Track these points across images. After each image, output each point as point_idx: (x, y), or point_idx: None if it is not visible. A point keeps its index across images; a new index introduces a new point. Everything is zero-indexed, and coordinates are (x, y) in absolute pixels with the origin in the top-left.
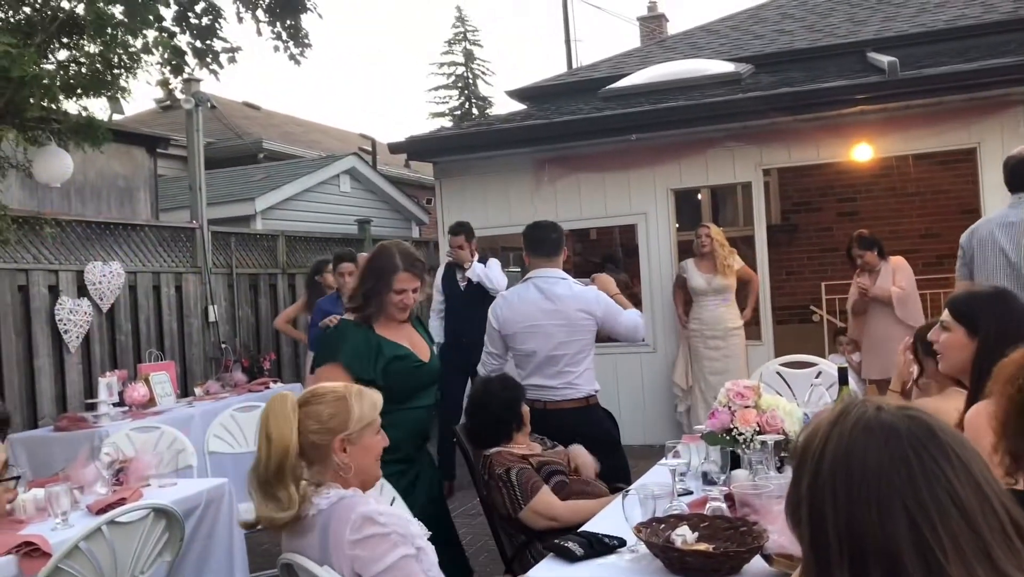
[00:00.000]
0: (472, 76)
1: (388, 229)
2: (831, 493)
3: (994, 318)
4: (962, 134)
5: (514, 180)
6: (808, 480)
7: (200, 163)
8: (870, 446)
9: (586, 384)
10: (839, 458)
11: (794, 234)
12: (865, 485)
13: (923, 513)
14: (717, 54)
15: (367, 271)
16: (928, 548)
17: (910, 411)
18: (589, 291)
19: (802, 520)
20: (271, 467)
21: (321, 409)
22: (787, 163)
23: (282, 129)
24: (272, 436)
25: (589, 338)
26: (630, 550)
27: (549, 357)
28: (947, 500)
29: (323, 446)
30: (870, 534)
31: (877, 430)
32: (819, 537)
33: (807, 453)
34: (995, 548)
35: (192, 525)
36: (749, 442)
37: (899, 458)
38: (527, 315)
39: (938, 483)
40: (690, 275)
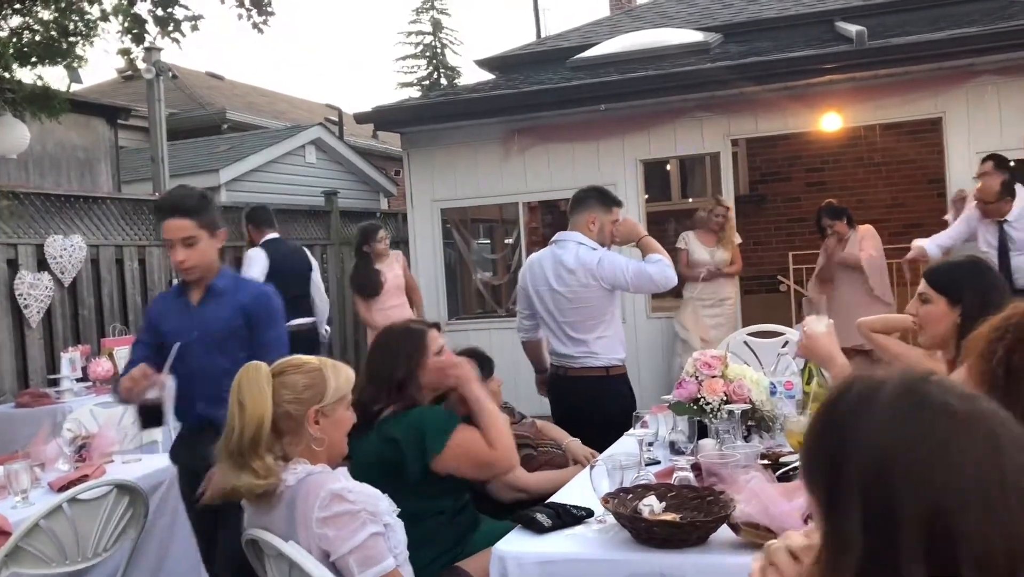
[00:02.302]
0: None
1: (356, 201)
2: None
3: (976, 287)
4: (928, 104)
5: (483, 150)
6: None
7: (162, 134)
8: (963, 438)
9: (606, 352)
10: (930, 446)
11: (762, 204)
12: (963, 477)
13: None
14: (686, 23)
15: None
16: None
17: (986, 400)
18: (593, 256)
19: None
20: (245, 437)
21: (297, 379)
22: (755, 133)
23: (246, 99)
24: (246, 405)
25: (597, 305)
26: (598, 520)
27: (558, 323)
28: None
29: (297, 417)
30: (965, 531)
31: (936, 403)
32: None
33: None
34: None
35: (157, 501)
36: (716, 412)
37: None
38: (539, 279)
39: (991, 476)
40: (692, 247)
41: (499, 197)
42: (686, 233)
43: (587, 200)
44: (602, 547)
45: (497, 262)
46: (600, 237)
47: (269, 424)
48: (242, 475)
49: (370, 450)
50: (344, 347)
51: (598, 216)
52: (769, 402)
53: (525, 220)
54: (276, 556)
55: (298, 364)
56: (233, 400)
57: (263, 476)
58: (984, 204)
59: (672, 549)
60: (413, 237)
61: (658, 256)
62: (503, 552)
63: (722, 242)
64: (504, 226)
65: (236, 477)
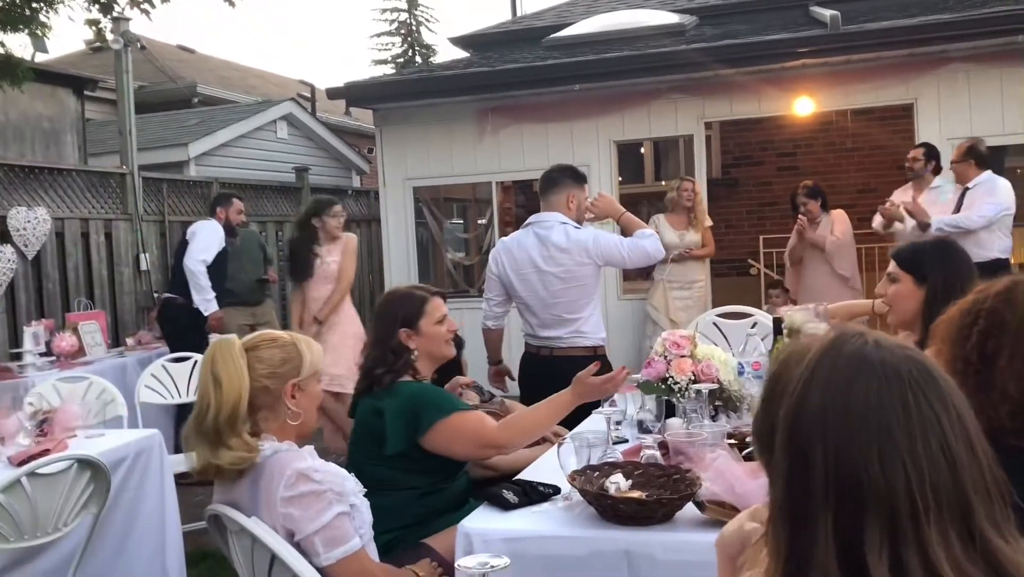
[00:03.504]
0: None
1: (327, 178)
2: (821, 427)
3: (940, 266)
4: (900, 90)
5: (457, 129)
6: (791, 408)
7: (130, 106)
8: (871, 383)
9: (593, 332)
10: (833, 390)
11: (734, 188)
12: (865, 425)
13: (914, 461)
14: (662, 5)
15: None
16: (911, 497)
17: (909, 351)
18: (586, 234)
19: (777, 449)
20: (223, 414)
21: (274, 353)
22: (729, 116)
23: (218, 73)
24: (223, 381)
25: (590, 283)
26: (564, 498)
27: (546, 305)
28: (939, 450)
29: (275, 392)
30: (867, 479)
31: (878, 366)
32: (801, 473)
33: (786, 378)
34: (976, 506)
35: (120, 477)
36: (684, 391)
37: (899, 400)
38: (523, 262)
39: (933, 431)
40: (662, 230)
41: (472, 176)
42: (656, 216)
43: (562, 179)
44: (568, 524)
45: (469, 242)
46: (578, 214)
47: (246, 400)
48: (220, 452)
49: (362, 418)
50: None
51: (575, 194)
52: (737, 382)
53: (498, 200)
54: (238, 532)
55: (272, 339)
56: (206, 377)
57: (244, 450)
58: (953, 163)
59: (638, 526)
60: (385, 215)
61: (647, 230)
62: (469, 528)
63: (693, 224)
64: (477, 206)
65: (214, 455)
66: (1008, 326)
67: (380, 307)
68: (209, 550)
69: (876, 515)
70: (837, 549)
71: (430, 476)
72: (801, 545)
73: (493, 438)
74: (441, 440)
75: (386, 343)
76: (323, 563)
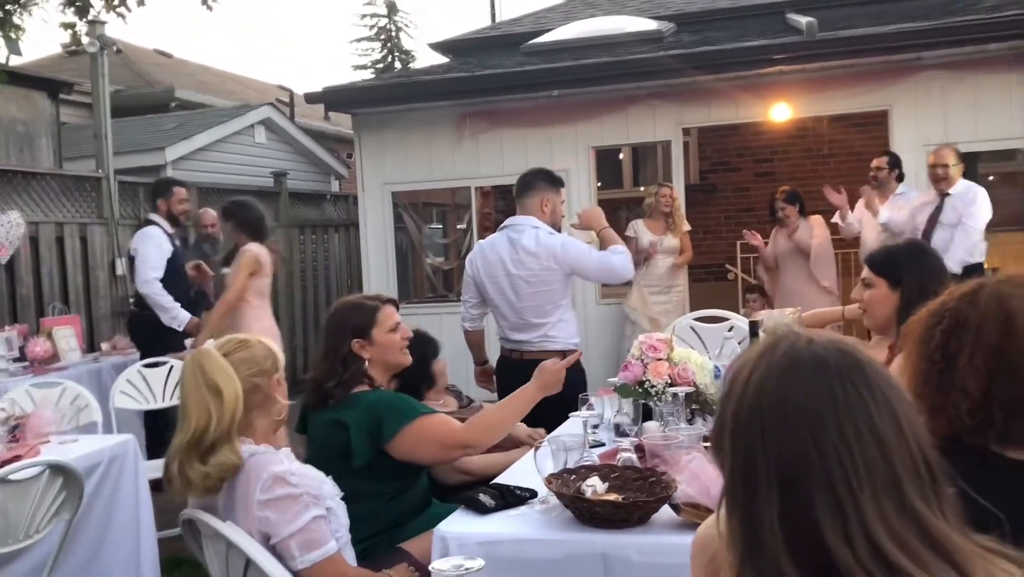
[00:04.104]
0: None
1: (306, 183)
2: (760, 422)
3: (914, 269)
4: (875, 96)
5: (436, 134)
6: (734, 407)
7: (106, 109)
8: (802, 376)
9: (564, 336)
10: (768, 388)
11: (712, 193)
12: (796, 415)
13: (844, 443)
14: (640, 12)
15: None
16: (846, 477)
17: (841, 344)
18: (555, 239)
19: (725, 447)
20: (223, 424)
21: (254, 353)
22: (707, 122)
23: (196, 78)
24: (223, 389)
25: (558, 288)
26: (541, 501)
27: (513, 309)
28: (866, 431)
29: (264, 388)
30: (802, 464)
31: (807, 360)
32: (747, 465)
33: (735, 381)
34: (905, 482)
35: (94, 483)
36: (661, 394)
37: (827, 389)
38: (494, 265)
39: (859, 414)
40: (640, 235)
41: (451, 181)
42: (635, 221)
43: (536, 183)
44: (544, 527)
45: (448, 247)
46: (553, 219)
47: (243, 403)
48: (210, 461)
49: (320, 431)
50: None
51: (550, 198)
52: (713, 385)
53: (478, 205)
54: (213, 536)
55: (239, 341)
56: (200, 390)
57: (234, 456)
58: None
59: (614, 529)
60: (364, 220)
61: (621, 247)
62: (445, 532)
63: (671, 229)
64: (456, 211)
65: (204, 465)
66: (970, 325)
67: (330, 318)
68: (184, 556)
69: (822, 497)
70: (785, 536)
71: (396, 481)
72: (751, 534)
73: (460, 438)
74: (407, 445)
75: (337, 354)
76: (299, 567)
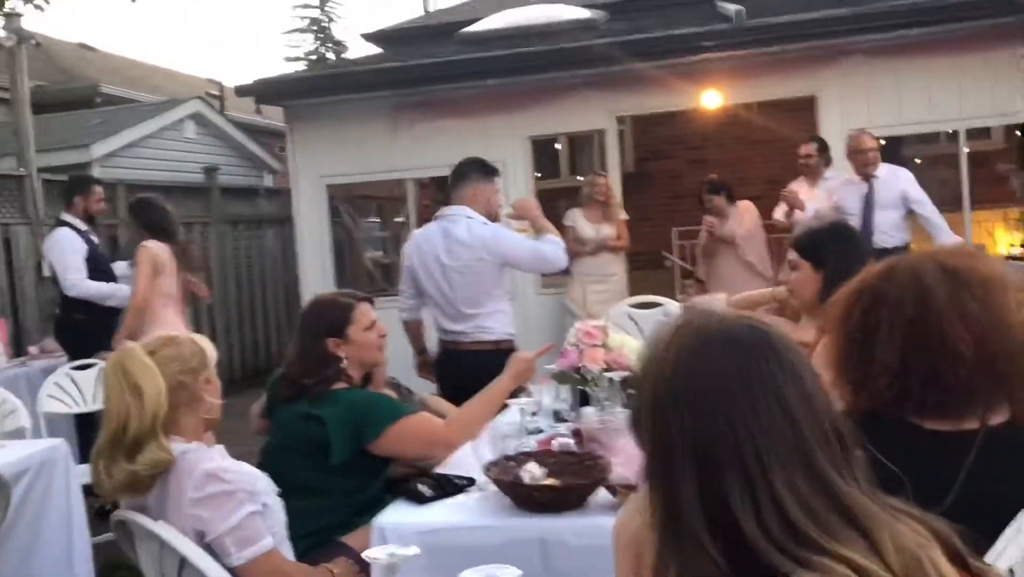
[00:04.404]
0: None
1: (238, 178)
2: (674, 401)
3: (836, 250)
4: (803, 83)
5: (371, 126)
6: (650, 388)
7: (26, 104)
8: (713, 352)
9: (498, 326)
10: (681, 368)
11: (647, 181)
12: (708, 391)
13: (754, 416)
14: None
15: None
16: (755, 450)
17: (751, 321)
18: (487, 230)
19: (643, 426)
20: (145, 423)
21: (181, 351)
22: (639, 110)
23: (122, 73)
24: (144, 388)
25: (489, 280)
26: (480, 489)
27: (447, 299)
28: (774, 403)
29: (190, 386)
30: (715, 439)
31: (718, 337)
32: (664, 442)
33: (649, 362)
34: (816, 452)
35: (23, 489)
36: (597, 380)
37: (736, 364)
38: (428, 255)
39: (768, 386)
40: (578, 224)
41: (388, 173)
42: (572, 210)
43: (469, 173)
44: (482, 514)
45: (387, 240)
46: (488, 209)
47: (166, 403)
48: (138, 459)
49: (290, 424)
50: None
51: (482, 188)
52: None
53: (416, 197)
54: (146, 536)
55: (167, 340)
56: (120, 388)
57: (162, 452)
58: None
59: (552, 513)
60: (299, 215)
61: (553, 237)
62: (383, 524)
63: (608, 218)
64: (394, 204)
65: (130, 463)
66: (886, 301)
67: (304, 316)
68: (122, 561)
69: (734, 472)
70: (703, 509)
71: (361, 478)
72: (670, 509)
73: (443, 437)
74: (391, 445)
75: (314, 353)
76: (235, 563)
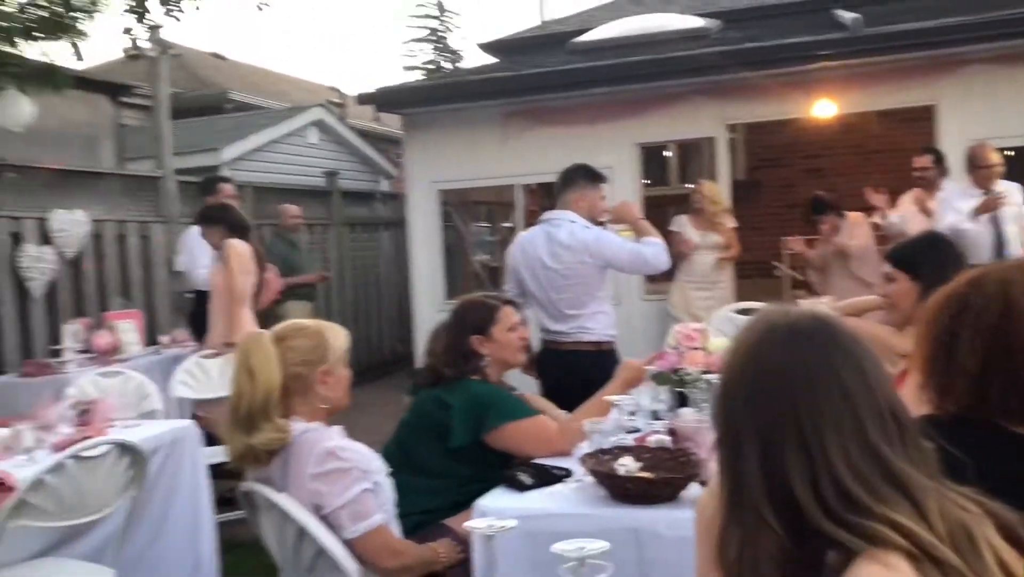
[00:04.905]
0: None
1: (356, 182)
2: (740, 387)
3: (933, 260)
4: (921, 92)
5: (482, 133)
6: (724, 376)
7: (165, 110)
8: (775, 342)
9: (599, 327)
10: (748, 357)
11: (759, 190)
12: (771, 376)
13: (812, 396)
14: (688, 9)
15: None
16: (814, 425)
17: (816, 314)
18: (589, 233)
19: (718, 411)
20: (256, 402)
21: (302, 342)
22: (751, 118)
23: (249, 80)
24: (256, 371)
25: (592, 282)
26: (576, 480)
27: (550, 300)
28: (833, 384)
29: (306, 378)
30: (777, 419)
31: (782, 328)
32: (733, 424)
33: (728, 354)
34: (869, 426)
35: (157, 464)
36: (695, 382)
37: (797, 351)
38: (532, 258)
39: (826, 370)
40: (685, 231)
41: (497, 179)
42: (679, 216)
43: (575, 178)
44: (578, 503)
45: (495, 244)
46: (591, 213)
47: (279, 388)
48: (255, 435)
49: (423, 405)
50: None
51: (587, 193)
52: None
53: (524, 202)
54: (268, 507)
55: (298, 328)
56: (241, 368)
57: (276, 432)
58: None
59: (645, 505)
60: (412, 218)
61: (654, 239)
62: (484, 507)
63: (715, 225)
64: (503, 209)
65: (249, 437)
66: (972, 308)
67: (454, 313)
68: (240, 540)
69: (793, 448)
70: (765, 484)
71: (476, 467)
72: (735, 485)
73: (557, 444)
74: (506, 440)
75: (458, 348)
76: (348, 536)
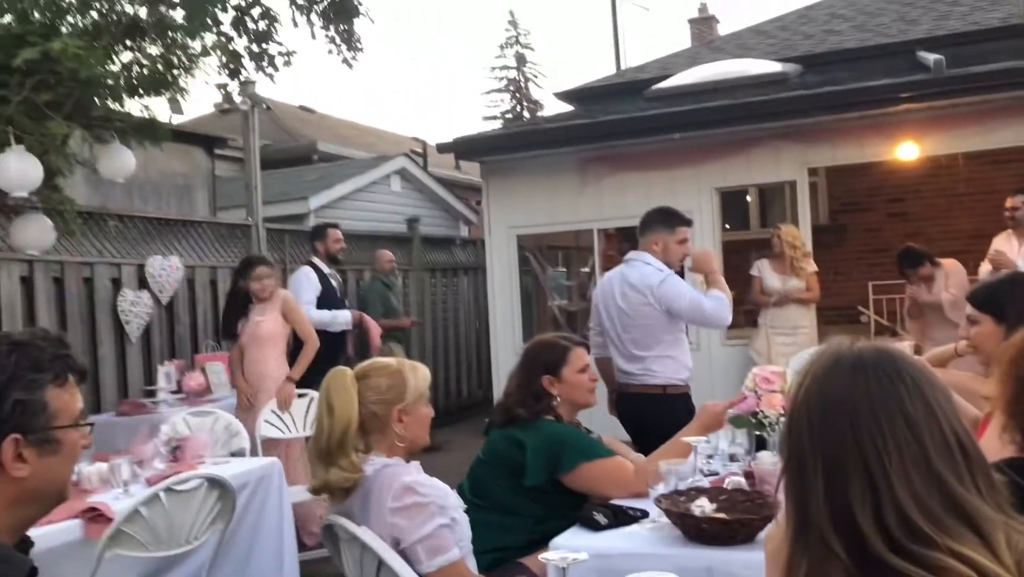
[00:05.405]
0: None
1: (437, 228)
2: (807, 415)
3: (1015, 302)
4: (1009, 133)
5: (560, 180)
6: (791, 407)
7: (256, 162)
8: (840, 374)
9: (665, 371)
10: (814, 388)
11: (842, 234)
12: (835, 407)
13: (877, 427)
14: (766, 55)
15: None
16: (878, 455)
17: (881, 346)
18: (656, 277)
19: (784, 442)
20: (334, 437)
21: (380, 381)
22: (832, 162)
23: (336, 132)
24: (335, 408)
25: (655, 324)
26: (652, 521)
27: (621, 339)
28: (897, 414)
29: (382, 416)
30: (842, 448)
31: (847, 360)
32: (799, 454)
33: (795, 387)
34: (934, 456)
35: (244, 499)
36: (774, 425)
37: (862, 382)
38: (607, 296)
39: (891, 401)
40: (765, 275)
41: (575, 224)
42: (760, 261)
43: (652, 222)
44: (653, 543)
45: (572, 289)
46: (666, 257)
47: (356, 425)
48: (331, 470)
49: (497, 444)
50: None
51: (662, 237)
52: None
53: (601, 247)
54: (349, 540)
55: (380, 367)
56: (322, 405)
57: (350, 472)
58: None
59: (720, 546)
60: (491, 263)
61: (719, 293)
62: (560, 545)
63: (795, 270)
64: (580, 253)
65: (326, 472)
66: None
67: (526, 353)
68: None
69: (857, 477)
70: (830, 512)
71: (550, 507)
72: (801, 513)
73: (633, 486)
74: (582, 480)
75: (529, 387)
76: (425, 570)
